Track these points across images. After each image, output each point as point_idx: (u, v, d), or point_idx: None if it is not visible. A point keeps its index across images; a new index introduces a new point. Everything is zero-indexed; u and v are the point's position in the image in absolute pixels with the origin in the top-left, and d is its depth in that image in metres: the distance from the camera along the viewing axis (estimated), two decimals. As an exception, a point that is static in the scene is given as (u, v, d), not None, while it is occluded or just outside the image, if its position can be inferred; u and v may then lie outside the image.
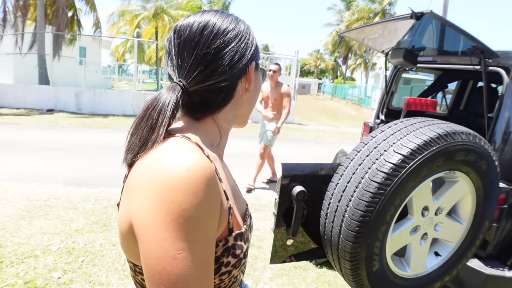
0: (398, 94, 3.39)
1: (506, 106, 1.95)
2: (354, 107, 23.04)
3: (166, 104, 0.56)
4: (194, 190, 0.47)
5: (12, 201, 3.58)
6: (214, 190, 0.51)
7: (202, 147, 0.57)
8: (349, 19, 30.37)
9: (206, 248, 0.50)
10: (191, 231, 0.47)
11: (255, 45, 0.66)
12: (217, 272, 0.56)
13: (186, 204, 0.46)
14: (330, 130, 12.01)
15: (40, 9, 12.01)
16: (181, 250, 0.46)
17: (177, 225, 0.46)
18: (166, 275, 0.46)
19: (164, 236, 0.46)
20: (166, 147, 0.54)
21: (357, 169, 1.38)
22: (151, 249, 0.46)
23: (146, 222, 0.47)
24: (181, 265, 0.46)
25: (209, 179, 0.50)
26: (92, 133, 7.79)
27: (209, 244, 0.51)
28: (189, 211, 0.46)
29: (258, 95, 0.73)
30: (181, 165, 0.49)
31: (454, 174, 1.48)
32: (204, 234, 0.49)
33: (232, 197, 0.63)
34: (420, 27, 2.07)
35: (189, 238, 0.47)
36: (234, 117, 0.69)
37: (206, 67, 0.59)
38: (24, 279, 2.26)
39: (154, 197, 0.47)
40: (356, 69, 46.77)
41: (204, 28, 0.59)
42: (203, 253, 0.49)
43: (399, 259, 1.58)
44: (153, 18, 21.17)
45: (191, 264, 0.47)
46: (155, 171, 0.49)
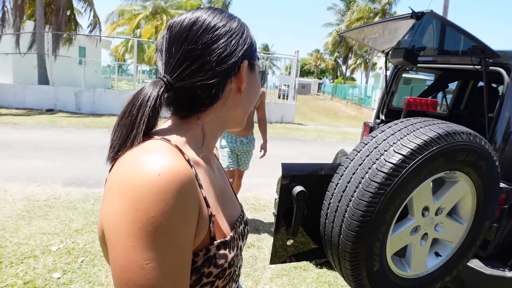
0: (398, 94, 3.38)
1: (507, 106, 1.94)
2: (354, 107, 23.05)
3: (146, 99, 0.54)
4: (163, 196, 0.44)
5: (11, 201, 3.57)
6: (189, 197, 0.48)
7: (182, 151, 0.54)
8: (349, 19, 30.37)
9: (179, 259, 0.47)
10: (160, 240, 0.44)
11: (249, 44, 0.62)
12: (198, 283, 0.53)
13: (155, 211, 0.44)
14: (330, 130, 12.00)
15: (39, 8, 12.01)
16: (149, 260, 0.43)
17: (145, 234, 0.43)
18: (133, 286, 0.43)
19: (132, 244, 0.43)
20: (141, 150, 0.51)
21: (357, 169, 1.38)
22: (118, 258, 0.44)
23: (114, 229, 0.45)
24: (149, 276, 0.43)
25: (183, 185, 0.47)
26: (92, 133, 7.78)
27: (182, 254, 0.47)
28: (158, 219, 0.44)
29: (255, 97, 0.69)
30: (152, 170, 0.46)
31: (455, 174, 1.48)
32: (175, 243, 0.46)
33: (216, 204, 0.60)
34: (420, 27, 2.07)
35: (158, 248, 0.44)
36: (226, 119, 0.65)
37: (193, 63, 0.57)
38: (24, 279, 2.26)
39: (122, 203, 0.45)
40: (356, 69, 46.76)
41: (194, 23, 0.58)
42: (174, 264, 0.46)
43: (400, 259, 1.58)
44: (152, 17, 21.17)
45: (160, 275, 0.44)
46: (125, 176, 0.47)
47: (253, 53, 0.64)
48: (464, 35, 1.86)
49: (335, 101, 28.46)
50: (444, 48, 2.44)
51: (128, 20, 21.50)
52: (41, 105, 11.07)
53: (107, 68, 25.41)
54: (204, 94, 0.59)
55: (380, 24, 2.31)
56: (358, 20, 28.47)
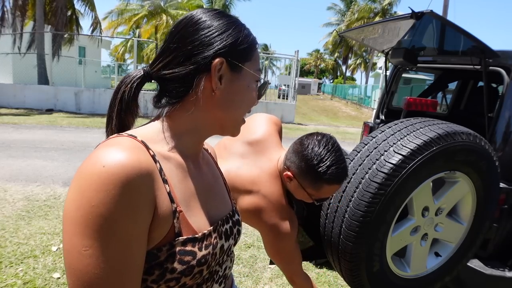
0: (398, 94, 3.38)
1: (507, 106, 1.94)
2: (354, 107, 23.05)
3: (124, 85, 0.61)
4: (105, 187, 0.46)
5: (11, 201, 3.57)
6: (137, 191, 0.48)
7: (148, 146, 0.55)
8: (349, 19, 30.37)
9: (121, 251, 0.47)
10: (99, 230, 0.45)
11: (230, 42, 0.59)
12: (161, 278, 0.53)
13: (96, 201, 0.45)
14: (330, 130, 12.00)
15: (39, 8, 12.00)
16: (87, 247, 0.45)
17: (85, 221, 0.45)
18: (73, 270, 0.46)
19: (74, 231, 0.46)
20: (102, 144, 0.53)
21: (357, 170, 1.38)
22: (64, 242, 0.48)
23: (64, 214, 0.48)
24: (86, 262, 0.45)
25: (128, 178, 0.47)
26: (92, 133, 7.78)
27: (126, 247, 0.48)
28: (98, 208, 0.45)
29: (241, 103, 0.63)
30: (99, 162, 0.48)
31: (455, 174, 1.48)
32: (117, 234, 0.46)
33: (190, 200, 0.60)
34: (420, 27, 2.07)
35: (97, 237, 0.45)
36: (204, 120, 0.63)
37: (169, 55, 0.59)
38: (24, 279, 2.26)
39: (72, 192, 0.48)
40: (356, 69, 46.79)
41: (183, 20, 0.61)
42: (116, 255, 0.47)
43: (400, 260, 1.58)
44: (152, 17, 21.16)
45: (98, 263, 0.45)
46: (80, 166, 0.50)
47: (237, 53, 0.60)
48: (464, 35, 1.85)
49: (335, 101, 28.46)
50: (444, 48, 2.44)
51: (127, 19, 21.49)
52: (41, 105, 11.06)
53: (107, 68, 25.39)
54: (172, 86, 0.60)
55: (380, 24, 2.31)
56: (358, 20, 28.48)
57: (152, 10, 21.09)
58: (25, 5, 12.52)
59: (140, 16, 21.28)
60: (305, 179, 1.09)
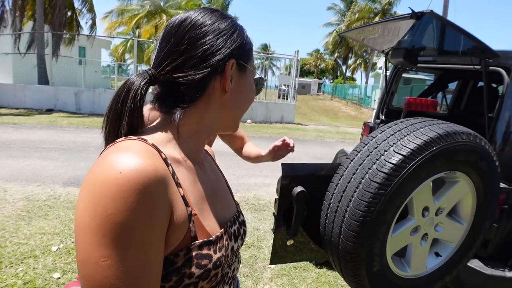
0: (398, 94, 3.38)
1: (507, 106, 1.94)
2: (354, 107, 23.04)
3: (129, 90, 0.57)
4: (123, 194, 0.44)
5: (11, 201, 3.57)
6: (154, 197, 0.47)
7: (159, 149, 0.54)
8: (349, 19, 30.37)
9: (140, 259, 0.45)
10: (117, 239, 0.43)
11: (238, 44, 0.61)
12: (179, 284, 0.52)
13: (113, 209, 0.43)
14: (330, 130, 12.01)
15: (39, 8, 12.00)
16: (106, 258, 0.43)
17: (102, 231, 0.43)
18: (90, 281, 0.44)
19: (89, 240, 0.44)
20: (112, 149, 0.51)
21: (358, 170, 1.38)
22: (78, 252, 0.45)
23: (77, 224, 0.45)
24: (105, 274, 0.43)
25: (145, 185, 0.46)
26: (92, 133, 7.78)
27: (144, 255, 0.46)
28: (115, 216, 0.43)
29: (246, 101, 0.67)
30: (114, 168, 0.46)
31: (455, 174, 1.48)
32: (136, 242, 0.45)
33: (202, 202, 0.60)
34: (420, 27, 2.07)
35: (115, 246, 0.43)
36: (213, 120, 0.63)
37: (178, 58, 0.57)
38: (24, 279, 2.26)
39: (85, 200, 0.46)
40: (356, 69, 46.78)
41: (184, 20, 0.60)
42: (134, 263, 0.45)
43: (400, 260, 1.58)
44: (152, 17, 21.16)
45: (117, 273, 0.43)
46: (91, 173, 0.48)
47: (243, 54, 0.63)
48: (464, 35, 1.85)
49: (335, 101, 28.46)
50: (444, 48, 2.44)
51: (128, 20, 21.49)
52: (41, 105, 11.07)
53: (107, 68, 25.40)
54: (186, 90, 0.58)
55: (380, 24, 2.31)
56: (358, 20, 28.48)
57: (152, 10, 21.08)
58: (24, 5, 12.52)
59: (140, 16, 21.28)
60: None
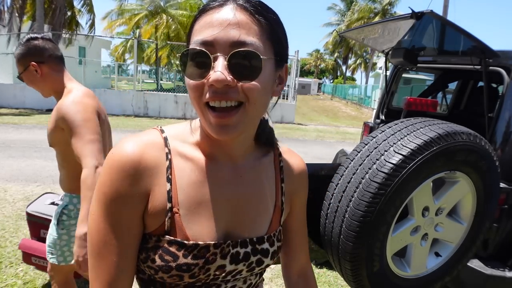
0: (398, 94, 3.38)
1: (507, 106, 1.94)
2: (354, 107, 23.04)
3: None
4: (108, 170, 0.55)
5: (11, 201, 3.57)
6: (130, 178, 0.55)
7: (167, 142, 0.59)
8: (349, 19, 30.37)
9: (111, 223, 0.55)
10: (101, 203, 0.55)
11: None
12: (145, 262, 0.58)
13: (102, 180, 0.56)
14: (330, 130, 12.01)
15: (39, 8, 12.00)
16: (93, 213, 0.56)
17: (96, 193, 0.56)
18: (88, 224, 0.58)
19: (93, 198, 0.58)
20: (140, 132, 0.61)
21: (358, 170, 1.38)
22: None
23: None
24: (91, 224, 0.56)
25: (127, 167, 0.54)
26: (92, 133, 7.78)
27: (116, 221, 0.55)
28: (102, 186, 0.55)
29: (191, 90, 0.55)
30: (114, 149, 0.57)
31: (455, 174, 1.48)
32: (110, 210, 0.55)
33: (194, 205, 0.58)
34: (420, 27, 2.07)
35: (99, 207, 0.56)
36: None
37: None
38: (24, 279, 2.26)
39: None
40: (356, 69, 46.78)
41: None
42: (107, 225, 0.55)
43: (400, 260, 1.58)
44: (152, 17, 21.16)
45: (97, 227, 0.56)
46: None
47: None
48: (464, 35, 1.85)
49: (335, 101, 28.46)
50: (444, 48, 2.44)
51: (128, 20, 21.50)
52: (41, 105, 11.06)
53: (107, 68, 25.42)
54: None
55: (380, 24, 2.31)
56: (358, 20, 28.48)
57: (152, 10, 21.08)
58: (24, 5, 12.52)
59: (140, 17, 21.28)
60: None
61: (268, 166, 0.69)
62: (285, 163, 0.72)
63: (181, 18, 21.06)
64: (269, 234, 0.65)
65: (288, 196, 0.71)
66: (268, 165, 0.69)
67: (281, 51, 0.58)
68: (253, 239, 0.63)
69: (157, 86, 17.79)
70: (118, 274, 0.56)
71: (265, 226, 0.65)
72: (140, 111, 11.55)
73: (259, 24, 0.53)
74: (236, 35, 0.51)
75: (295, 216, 0.76)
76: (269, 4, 0.57)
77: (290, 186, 0.71)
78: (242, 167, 0.64)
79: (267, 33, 0.54)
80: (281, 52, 0.57)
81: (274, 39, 0.55)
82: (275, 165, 0.70)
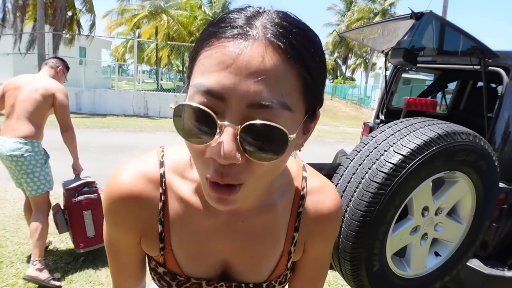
0: (398, 94, 3.39)
1: (506, 106, 1.95)
2: (354, 107, 23.04)
3: None
4: (105, 197, 0.56)
5: (12, 201, 3.58)
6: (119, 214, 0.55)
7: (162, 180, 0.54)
8: (349, 19, 30.37)
9: (110, 242, 0.60)
10: (105, 222, 0.59)
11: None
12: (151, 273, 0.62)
13: (103, 202, 0.57)
14: (330, 130, 12.01)
15: (40, 8, 12.00)
16: (104, 230, 0.60)
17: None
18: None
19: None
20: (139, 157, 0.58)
21: (357, 169, 1.38)
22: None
23: None
24: (104, 235, 0.60)
25: (115, 202, 0.54)
26: (92, 133, 7.78)
27: (114, 241, 0.59)
28: (103, 206, 0.57)
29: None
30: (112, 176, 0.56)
31: (454, 174, 1.48)
32: (108, 228, 0.58)
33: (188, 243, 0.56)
34: (420, 27, 2.07)
35: (105, 224, 0.59)
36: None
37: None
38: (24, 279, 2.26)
39: None
40: (356, 69, 46.78)
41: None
42: (108, 241, 0.60)
43: (399, 259, 1.58)
44: (152, 17, 21.16)
45: (105, 239, 0.61)
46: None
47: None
48: (463, 36, 1.86)
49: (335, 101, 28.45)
50: (443, 48, 2.44)
51: (128, 20, 21.49)
52: (41, 105, 11.06)
53: (107, 68, 25.43)
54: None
55: (380, 24, 2.32)
56: (358, 20, 28.47)
57: (153, 10, 21.08)
58: (25, 5, 12.52)
59: (140, 17, 21.28)
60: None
61: (283, 210, 0.57)
62: (307, 208, 0.57)
63: (181, 18, 21.08)
64: (269, 282, 0.59)
65: (301, 244, 0.60)
66: (283, 209, 0.57)
67: (317, 101, 0.43)
68: (249, 284, 0.58)
69: (157, 86, 17.78)
70: (125, 278, 0.64)
71: (266, 273, 0.58)
72: (140, 111, 11.55)
73: (296, 74, 0.37)
74: (258, 91, 0.35)
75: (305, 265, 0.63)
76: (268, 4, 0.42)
77: (305, 234, 0.59)
78: (246, 212, 0.55)
79: (301, 85, 0.39)
80: (316, 103, 0.43)
81: (312, 91, 0.40)
82: (292, 210, 0.57)
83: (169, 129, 9.01)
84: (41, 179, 2.28)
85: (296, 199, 0.57)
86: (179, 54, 24.15)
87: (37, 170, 2.26)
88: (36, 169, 2.25)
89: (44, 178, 2.30)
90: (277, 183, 0.56)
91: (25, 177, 2.25)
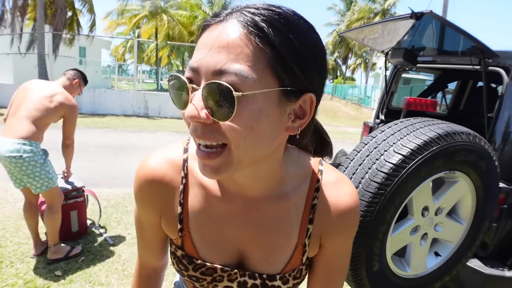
0: (398, 94, 3.39)
1: (506, 106, 1.95)
2: (354, 107, 23.04)
3: None
4: (136, 179, 0.61)
5: (12, 201, 3.58)
6: (145, 193, 0.60)
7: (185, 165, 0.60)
8: (349, 19, 30.37)
9: (139, 218, 0.66)
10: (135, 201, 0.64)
11: None
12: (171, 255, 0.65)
13: (133, 183, 0.62)
14: (330, 130, 12.01)
15: (39, 8, 12.00)
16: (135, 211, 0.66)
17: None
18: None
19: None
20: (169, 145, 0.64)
21: (357, 169, 1.38)
22: None
23: None
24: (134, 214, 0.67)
25: (144, 182, 0.60)
26: (92, 133, 7.78)
27: (140, 217, 0.65)
28: (133, 187, 0.62)
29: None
30: (142, 161, 0.61)
31: (454, 174, 1.48)
32: (137, 208, 0.64)
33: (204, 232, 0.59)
34: (420, 27, 2.07)
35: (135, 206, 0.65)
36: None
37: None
38: (24, 279, 2.26)
39: None
40: (356, 69, 46.78)
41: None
42: (137, 219, 0.66)
43: (399, 259, 1.58)
44: (152, 17, 21.16)
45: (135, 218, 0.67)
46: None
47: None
48: (463, 35, 1.86)
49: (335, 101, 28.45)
50: (443, 48, 2.44)
51: (128, 20, 21.49)
52: (41, 105, 11.06)
53: (107, 68, 25.44)
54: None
55: (380, 24, 2.31)
56: (358, 20, 28.48)
57: (152, 10, 21.08)
58: (25, 5, 12.52)
59: (140, 17, 21.28)
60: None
61: (297, 201, 0.58)
62: (322, 200, 0.58)
63: (181, 18, 21.07)
64: (282, 274, 0.59)
65: (316, 237, 0.59)
66: (298, 200, 0.58)
67: (296, 80, 0.45)
68: (263, 275, 0.59)
69: (157, 86, 17.78)
70: (149, 252, 0.70)
71: (280, 265, 0.59)
72: (140, 111, 11.55)
73: (255, 46, 0.42)
74: (219, 61, 0.42)
75: (322, 261, 0.62)
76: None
77: (320, 228, 0.59)
78: (259, 200, 0.57)
79: (267, 59, 0.42)
80: (295, 82, 0.45)
81: (281, 66, 0.43)
82: (306, 202, 0.58)
83: (169, 129, 9.00)
84: (42, 177, 2.32)
85: (311, 191, 0.58)
86: (179, 54, 24.15)
87: (37, 170, 2.29)
88: (36, 169, 2.28)
89: (46, 177, 2.34)
90: (291, 173, 0.58)
91: (26, 177, 2.28)
